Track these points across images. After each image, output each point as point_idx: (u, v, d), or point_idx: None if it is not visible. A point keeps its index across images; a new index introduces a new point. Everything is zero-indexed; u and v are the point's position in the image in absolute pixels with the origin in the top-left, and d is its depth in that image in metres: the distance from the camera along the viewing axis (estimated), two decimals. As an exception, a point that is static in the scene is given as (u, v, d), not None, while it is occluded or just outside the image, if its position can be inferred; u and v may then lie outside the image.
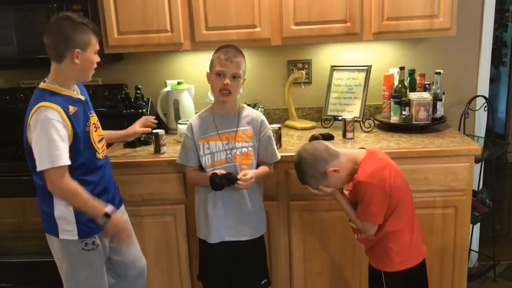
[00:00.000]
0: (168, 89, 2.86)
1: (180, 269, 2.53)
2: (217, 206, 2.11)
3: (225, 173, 2.03)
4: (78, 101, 1.94)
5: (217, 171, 2.03)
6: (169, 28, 2.58)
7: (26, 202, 2.58)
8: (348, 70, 2.85)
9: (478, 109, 2.92)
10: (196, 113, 2.28)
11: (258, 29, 2.56)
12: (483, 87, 2.96)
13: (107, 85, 2.96)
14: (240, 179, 2.00)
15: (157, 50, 2.71)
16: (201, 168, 2.13)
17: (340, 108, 2.82)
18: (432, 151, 2.33)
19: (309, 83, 2.99)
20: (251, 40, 2.58)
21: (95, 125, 2.02)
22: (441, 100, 2.67)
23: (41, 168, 1.81)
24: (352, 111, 2.75)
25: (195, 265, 2.42)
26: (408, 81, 2.71)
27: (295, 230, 2.45)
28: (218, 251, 2.16)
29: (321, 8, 2.52)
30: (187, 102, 2.84)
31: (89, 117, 1.98)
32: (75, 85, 1.98)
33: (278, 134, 2.41)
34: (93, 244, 2.00)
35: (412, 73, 2.72)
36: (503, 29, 5.05)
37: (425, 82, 2.67)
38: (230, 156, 2.09)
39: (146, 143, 2.60)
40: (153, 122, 2.43)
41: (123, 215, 2.16)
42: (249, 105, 2.45)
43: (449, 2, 2.48)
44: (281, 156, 2.22)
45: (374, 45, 2.90)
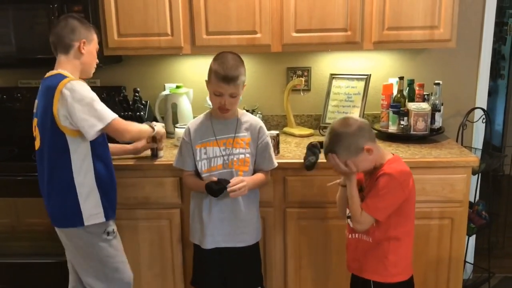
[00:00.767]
0: (166, 92, 2.85)
1: (174, 274, 2.51)
2: (212, 212, 2.09)
3: (217, 179, 2.02)
4: None
5: (211, 179, 2.02)
6: (169, 32, 2.58)
7: (19, 202, 2.56)
8: (348, 78, 2.85)
9: (476, 121, 2.93)
10: (194, 117, 2.27)
11: (258, 35, 2.56)
12: (481, 99, 2.97)
13: (106, 87, 2.95)
14: (231, 182, 1.98)
15: (157, 54, 2.71)
16: (197, 173, 2.13)
17: (339, 116, 2.80)
18: (429, 161, 2.33)
19: (308, 90, 2.99)
20: (251, 46, 2.58)
21: None
22: (439, 111, 2.67)
23: (106, 122, 1.94)
24: (351, 119, 2.74)
25: (189, 270, 2.40)
26: (407, 91, 2.72)
27: (290, 237, 2.43)
28: (213, 257, 2.15)
29: (322, 16, 2.52)
30: (185, 106, 2.83)
31: None
32: None
33: (276, 141, 2.40)
34: (114, 232, 2.14)
35: (411, 83, 2.73)
36: (501, 42, 5.07)
37: (424, 93, 2.67)
38: (227, 162, 2.07)
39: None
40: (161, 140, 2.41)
41: None
42: (247, 110, 2.45)
43: (449, 13, 2.49)
44: (278, 163, 2.20)
45: (374, 54, 2.91)
